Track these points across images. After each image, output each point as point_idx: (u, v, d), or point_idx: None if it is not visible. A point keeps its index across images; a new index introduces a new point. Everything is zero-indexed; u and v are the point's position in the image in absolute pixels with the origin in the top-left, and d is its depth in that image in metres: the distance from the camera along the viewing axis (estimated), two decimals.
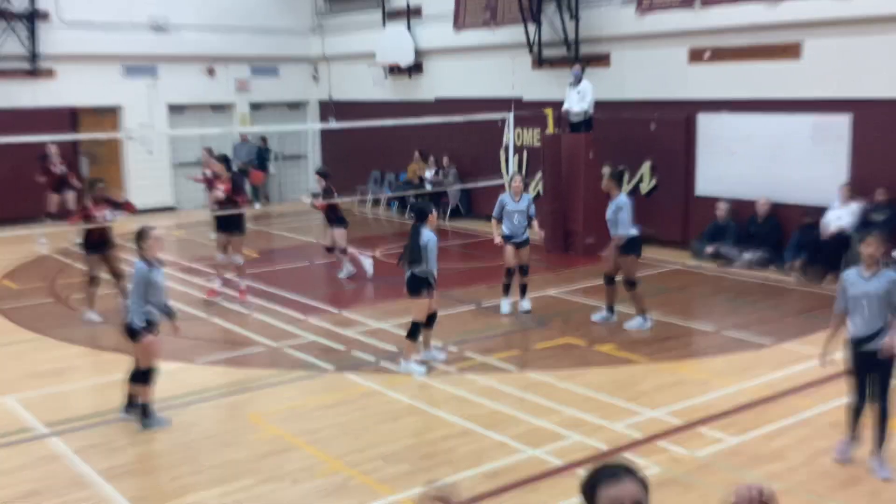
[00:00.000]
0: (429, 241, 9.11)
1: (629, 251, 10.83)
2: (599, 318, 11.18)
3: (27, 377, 9.43)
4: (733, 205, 14.79)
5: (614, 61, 16.67)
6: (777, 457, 7.09)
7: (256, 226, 20.06)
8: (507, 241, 11.53)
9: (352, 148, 22.34)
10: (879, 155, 13.22)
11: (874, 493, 6.45)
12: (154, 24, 21.51)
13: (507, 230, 11.54)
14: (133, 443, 7.65)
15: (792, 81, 14.15)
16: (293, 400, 8.60)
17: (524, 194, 11.50)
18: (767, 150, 14.54)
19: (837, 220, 13.12)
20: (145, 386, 7.93)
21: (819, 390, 8.62)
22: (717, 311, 11.93)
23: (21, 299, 12.95)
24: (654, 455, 7.15)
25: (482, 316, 11.59)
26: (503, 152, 18.02)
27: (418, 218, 9.32)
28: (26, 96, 20.04)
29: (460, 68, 19.98)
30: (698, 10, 15.12)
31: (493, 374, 9.28)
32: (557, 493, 6.51)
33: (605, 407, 8.25)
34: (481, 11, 19.05)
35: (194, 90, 22.38)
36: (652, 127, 15.96)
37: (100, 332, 11.11)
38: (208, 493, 6.65)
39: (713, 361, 9.63)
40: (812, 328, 10.76)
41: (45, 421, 8.15)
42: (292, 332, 11.02)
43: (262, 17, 23.04)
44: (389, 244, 16.70)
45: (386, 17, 21.60)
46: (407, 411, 8.25)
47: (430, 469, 6.97)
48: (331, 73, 23.86)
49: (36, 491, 6.73)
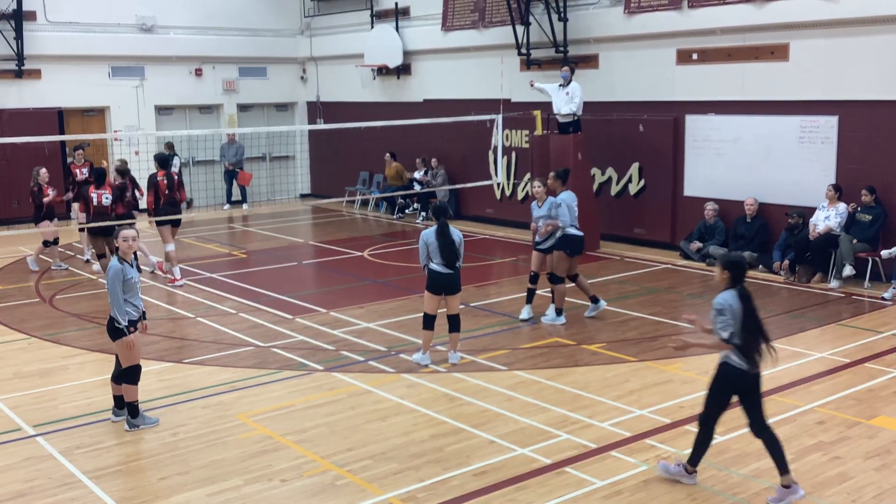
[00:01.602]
0: (460, 237, 9.53)
1: (562, 248, 10.97)
2: (589, 313, 11.33)
3: (13, 378, 9.39)
4: (721, 205, 14.86)
5: (602, 62, 16.71)
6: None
7: (244, 226, 20.06)
8: (535, 247, 11.51)
9: (340, 149, 22.34)
10: (866, 156, 13.30)
11: (860, 491, 6.48)
12: (141, 24, 21.46)
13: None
14: (121, 443, 7.62)
15: (779, 83, 14.22)
16: (281, 400, 8.58)
17: (548, 198, 11.34)
18: (755, 151, 14.61)
19: (825, 220, 13.19)
20: (131, 385, 7.89)
21: (806, 388, 8.68)
22: (705, 310, 11.91)
23: (6, 300, 12.89)
24: (641, 453, 7.18)
25: (471, 315, 11.58)
26: (492, 154, 18.04)
27: (444, 216, 9.49)
28: (12, 97, 19.96)
29: (449, 69, 19.99)
30: (686, 12, 15.18)
31: (481, 373, 9.28)
32: (546, 491, 6.52)
33: (593, 405, 8.27)
34: (469, 12, 19.08)
35: (182, 91, 22.34)
36: (640, 128, 16.03)
37: (86, 333, 11.06)
38: (196, 493, 6.63)
39: (700, 360, 9.65)
40: (799, 327, 10.83)
41: (31, 422, 8.11)
42: (280, 331, 11.00)
43: (250, 18, 23.02)
44: (377, 245, 16.72)
45: (374, 18, 21.61)
46: (395, 410, 8.24)
47: (418, 468, 6.97)
48: (319, 74, 23.84)
49: (23, 492, 6.69)
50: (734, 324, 6.26)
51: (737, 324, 6.26)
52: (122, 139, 20.52)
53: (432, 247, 9.38)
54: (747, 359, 6.27)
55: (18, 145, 17.10)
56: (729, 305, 6.28)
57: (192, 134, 20.77)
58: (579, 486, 6.61)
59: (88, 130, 20.79)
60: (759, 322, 6.30)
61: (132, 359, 7.86)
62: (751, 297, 6.33)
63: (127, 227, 8.13)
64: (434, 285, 9.47)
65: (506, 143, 18.12)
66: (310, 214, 21.73)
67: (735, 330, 6.26)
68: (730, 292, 6.36)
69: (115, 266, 7.72)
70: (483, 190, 18.46)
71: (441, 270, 9.40)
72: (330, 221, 20.44)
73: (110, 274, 7.69)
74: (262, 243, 17.58)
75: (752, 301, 6.32)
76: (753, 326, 6.27)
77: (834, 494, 6.43)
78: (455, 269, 9.46)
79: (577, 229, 11.10)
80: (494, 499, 6.45)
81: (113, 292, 7.70)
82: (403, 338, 10.55)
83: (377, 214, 21.18)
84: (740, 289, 6.35)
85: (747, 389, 6.39)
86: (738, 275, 6.41)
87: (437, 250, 9.36)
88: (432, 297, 9.52)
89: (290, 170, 24.14)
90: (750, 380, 6.36)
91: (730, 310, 6.28)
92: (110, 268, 7.72)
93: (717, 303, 6.35)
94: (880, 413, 7.99)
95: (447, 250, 9.34)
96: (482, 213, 19.23)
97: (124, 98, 21.42)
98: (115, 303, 7.71)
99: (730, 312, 6.27)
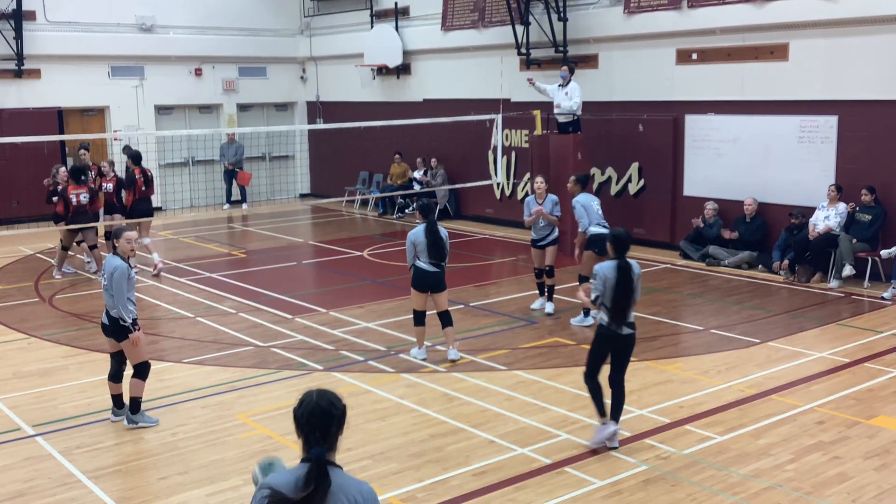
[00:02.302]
0: (447, 236, 9.59)
1: (591, 247, 10.96)
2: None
3: (13, 378, 9.39)
4: (721, 205, 14.86)
5: (602, 62, 16.71)
6: (763, 454, 7.12)
7: (243, 226, 20.06)
8: (533, 245, 11.60)
9: (340, 149, 22.33)
10: (866, 156, 13.30)
11: (859, 491, 6.48)
12: (141, 24, 21.45)
13: (533, 233, 11.58)
14: (120, 443, 7.61)
15: (779, 83, 14.22)
16: (281, 399, 8.58)
17: (548, 195, 11.40)
18: (755, 151, 14.61)
19: (825, 220, 13.19)
20: (140, 381, 7.92)
21: (805, 388, 8.68)
22: (704, 310, 11.96)
23: (6, 300, 12.88)
24: (641, 453, 7.18)
25: (470, 315, 11.59)
26: (491, 153, 18.04)
27: (431, 214, 9.53)
28: (12, 97, 19.95)
29: (448, 69, 19.99)
30: (686, 11, 15.18)
31: (481, 372, 9.28)
32: (545, 491, 6.52)
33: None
34: (469, 12, 19.07)
35: (181, 91, 22.33)
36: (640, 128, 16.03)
37: (86, 333, 11.06)
38: (196, 493, 6.63)
39: (700, 360, 9.66)
40: (799, 327, 10.83)
41: (31, 422, 8.11)
42: (280, 331, 10.99)
43: (250, 18, 23.02)
44: (377, 245, 16.72)
45: (374, 18, 21.60)
46: (395, 410, 8.24)
47: (418, 468, 6.97)
48: (318, 74, 23.84)
49: (22, 492, 6.69)
50: (604, 290, 7.09)
51: (607, 290, 7.07)
52: (122, 139, 20.50)
53: (420, 245, 9.45)
54: (614, 321, 7.11)
55: (18, 145, 17.10)
56: (604, 273, 7.13)
57: (192, 134, 20.77)
58: (579, 485, 6.61)
59: (88, 130, 20.79)
60: (629, 292, 7.10)
61: (141, 355, 7.90)
62: (628, 270, 7.12)
63: (129, 227, 8.11)
64: (420, 283, 9.54)
65: (505, 142, 18.12)
66: (309, 214, 21.73)
67: (604, 295, 7.10)
68: (610, 263, 7.20)
69: (122, 265, 7.72)
70: (483, 190, 18.47)
71: (427, 269, 9.47)
72: (329, 221, 20.44)
73: (117, 273, 7.66)
74: (261, 243, 17.57)
75: (628, 273, 7.11)
76: (622, 295, 7.05)
77: (834, 494, 6.43)
78: (441, 268, 9.55)
79: (605, 227, 10.94)
80: (494, 499, 6.45)
81: (120, 291, 7.68)
82: (403, 337, 10.55)
83: (374, 214, 21.16)
84: (620, 261, 7.13)
85: (618, 348, 7.27)
86: (619, 247, 7.20)
87: (425, 249, 9.43)
88: (419, 295, 9.61)
89: (290, 170, 24.14)
90: (621, 340, 7.22)
91: (602, 277, 7.11)
92: (117, 267, 7.69)
93: (596, 268, 7.24)
94: (880, 413, 7.99)
95: (435, 248, 9.40)
96: (482, 212, 19.22)
97: (124, 98, 21.41)
98: (120, 302, 7.69)
99: (602, 279, 7.11)
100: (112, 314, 7.77)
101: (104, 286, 7.82)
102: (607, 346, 7.26)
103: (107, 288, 7.77)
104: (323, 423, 3.49)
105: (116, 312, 7.72)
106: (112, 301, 7.73)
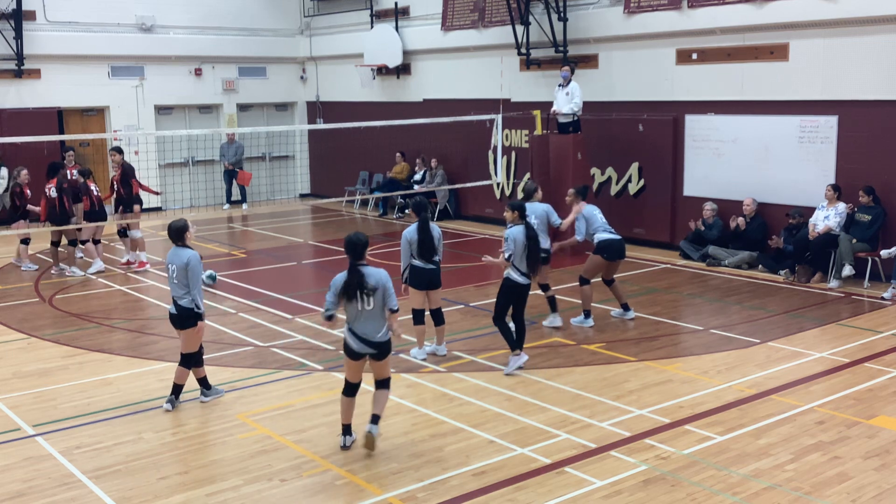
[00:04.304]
0: (439, 233, 9.72)
1: (599, 252, 10.95)
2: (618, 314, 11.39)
3: (13, 378, 9.38)
4: (721, 205, 14.86)
5: (602, 62, 16.72)
6: (763, 454, 7.12)
7: (243, 226, 20.06)
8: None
9: (340, 149, 22.34)
10: (865, 156, 13.30)
11: (859, 491, 6.48)
12: (141, 24, 21.45)
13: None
14: (120, 443, 7.61)
15: (779, 83, 14.23)
16: (281, 399, 8.58)
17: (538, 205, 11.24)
18: (754, 151, 14.61)
19: (825, 220, 13.19)
20: (199, 367, 8.39)
21: (805, 388, 8.68)
22: (704, 310, 11.97)
23: (6, 300, 12.88)
24: (641, 453, 7.18)
25: (471, 315, 11.59)
26: (491, 153, 18.04)
27: (424, 212, 9.57)
28: (12, 97, 19.96)
29: (448, 69, 19.99)
30: (685, 11, 15.19)
31: (481, 372, 9.29)
32: (545, 491, 6.52)
33: (593, 405, 8.27)
34: (469, 12, 19.08)
35: (181, 91, 22.34)
36: (640, 128, 16.04)
37: (86, 333, 11.07)
38: (196, 492, 6.63)
39: (700, 360, 9.66)
40: (799, 327, 10.83)
41: (31, 422, 8.11)
42: (280, 331, 10.99)
43: (250, 18, 23.03)
44: (376, 245, 16.70)
45: (374, 18, 21.60)
46: (395, 410, 8.24)
47: (418, 468, 6.97)
48: (318, 74, 23.84)
49: (22, 492, 6.69)
50: (515, 249, 8.91)
51: (518, 249, 8.91)
52: (122, 139, 20.51)
53: (415, 244, 9.51)
54: (523, 274, 9.02)
55: (18, 145, 17.09)
56: (514, 237, 8.93)
57: (192, 134, 20.77)
58: (579, 485, 6.61)
59: (88, 130, 20.82)
60: (535, 250, 8.98)
61: (194, 346, 8.25)
62: (533, 231, 9.05)
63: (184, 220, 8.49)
64: (418, 281, 9.61)
65: (505, 142, 18.12)
66: (309, 214, 21.74)
67: (515, 254, 8.92)
68: (517, 227, 9.02)
69: (195, 253, 8.14)
70: (483, 190, 18.47)
71: (424, 266, 9.56)
72: (329, 221, 20.45)
73: (194, 261, 8.05)
74: (261, 243, 17.57)
75: (534, 233, 9.04)
76: (530, 253, 8.94)
77: (834, 494, 6.43)
78: (435, 265, 9.65)
79: (612, 233, 10.98)
80: (494, 499, 6.45)
81: (198, 279, 8.06)
82: (403, 337, 10.52)
83: (374, 215, 21.17)
84: (526, 225, 9.03)
85: (519, 295, 9.17)
86: (521, 214, 9.13)
87: (418, 247, 9.49)
88: (417, 293, 9.70)
89: (290, 169, 24.15)
90: (522, 289, 9.13)
91: (513, 240, 8.92)
92: (192, 256, 8.08)
93: (506, 233, 9.00)
94: (880, 413, 8.00)
95: (424, 246, 9.48)
96: (482, 212, 19.23)
97: (124, 98, 21.43)
98: (198, 290, 8.06)
99: (512, 241, 8.92)
100: (181, 303, 8.07)
101: (171, 277, 8.14)
102: (513, 294, 9.10)
103: (175, 278, 8.08)
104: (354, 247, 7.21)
105: (190, 299, 8.03)
106: (182, 291, 8.06)
